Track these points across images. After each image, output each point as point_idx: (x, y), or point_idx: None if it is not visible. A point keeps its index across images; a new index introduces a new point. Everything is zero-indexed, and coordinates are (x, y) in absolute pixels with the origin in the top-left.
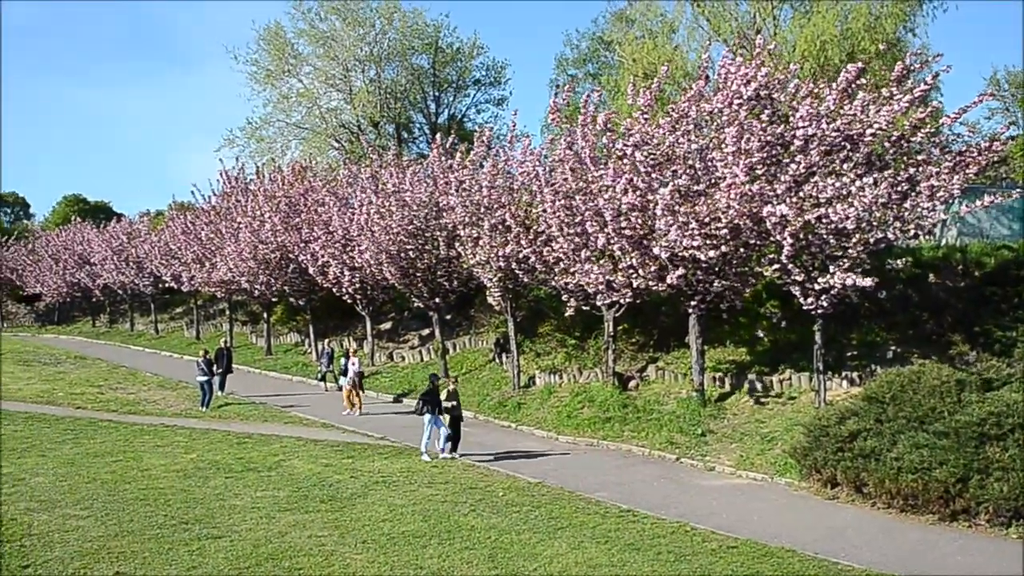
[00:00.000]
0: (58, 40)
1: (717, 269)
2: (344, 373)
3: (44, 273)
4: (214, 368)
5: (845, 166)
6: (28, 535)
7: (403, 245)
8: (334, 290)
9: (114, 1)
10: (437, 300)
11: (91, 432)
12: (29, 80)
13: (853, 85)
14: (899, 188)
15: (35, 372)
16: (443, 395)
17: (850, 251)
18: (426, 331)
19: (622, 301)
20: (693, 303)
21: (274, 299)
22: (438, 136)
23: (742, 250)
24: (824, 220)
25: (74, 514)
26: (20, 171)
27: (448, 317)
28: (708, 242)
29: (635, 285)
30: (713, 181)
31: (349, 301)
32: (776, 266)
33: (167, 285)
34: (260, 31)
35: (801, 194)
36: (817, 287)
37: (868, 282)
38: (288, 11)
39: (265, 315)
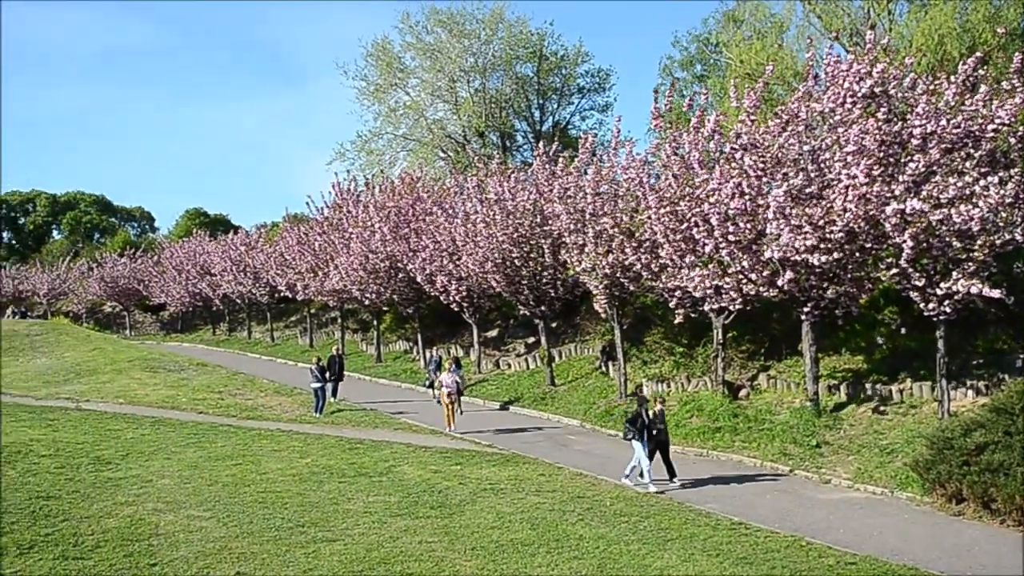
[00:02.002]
0: (181, 61)
1: (831, 274)
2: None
3: (168, 284)
4: (327, 375)
5: (967, 164)
6: (155, 535)
7: (508, 253)
8: (441, 298)
9: (227, 15)
10: (543, 308)
11: (212, 436)
12: (152, 100)
13: (971, 78)
14: None
15: (160, 378)
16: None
17: (974, 254)
18: (532, 339)
19: (731, 307)
20: (806, 309)
21: (384, 307)
22: (542, 144)
23: (858, 254)
24: (946, 222)
25: (198, 515)
26: (146, 186)
27: (554, 325)
28: (822, 245)
29: (745, 290)
30: (826, 183)
31: (456, 309)
32: (895, 270)
33: (282, 294)
34: (368, 47)
35: (921, 195)
36: (939, 292)
37: (996, 293)
38: (396, 25)
39: (375, 323)
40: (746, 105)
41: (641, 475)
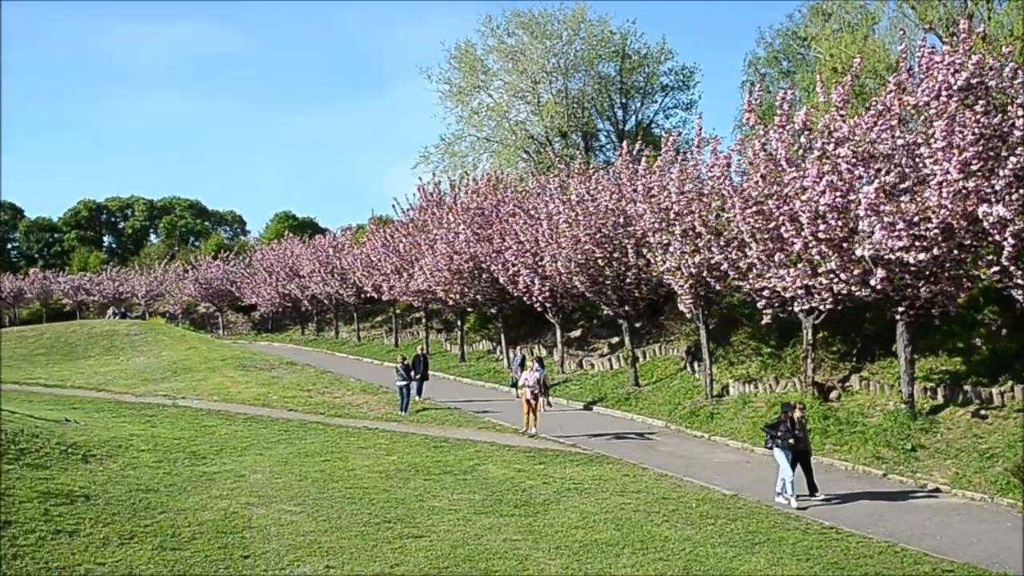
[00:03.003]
0: (269, 68)
1: (927, 272)
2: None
3: (259, 285)
4: (412, 374)
5: None
6: (248, 528)
7: (591, 254)
8: (524, 299)
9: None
10: (626, 308)
11: (301, 433)
12: (242, 106)
13: None
14: None
15: (252, 377)
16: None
17: None
18: (615, 339)
19: (821, 307)
20: (901, 309)
21: (467, 308)
22: (625, 143)
23: (955, 251)
24: None
25: (288, 509)
26: (238, 191)
27: (638, 325)
28: (917, 243)
29: (836, 290)
30: (921, 178)
31: (539, 309)
32: (995, 268)
33: (368, 295)
34: (451, 50)
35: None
36: None
37: None
38: (478, 28)
39: (459, 323)
40: (834, 100)
41: (784, 488)
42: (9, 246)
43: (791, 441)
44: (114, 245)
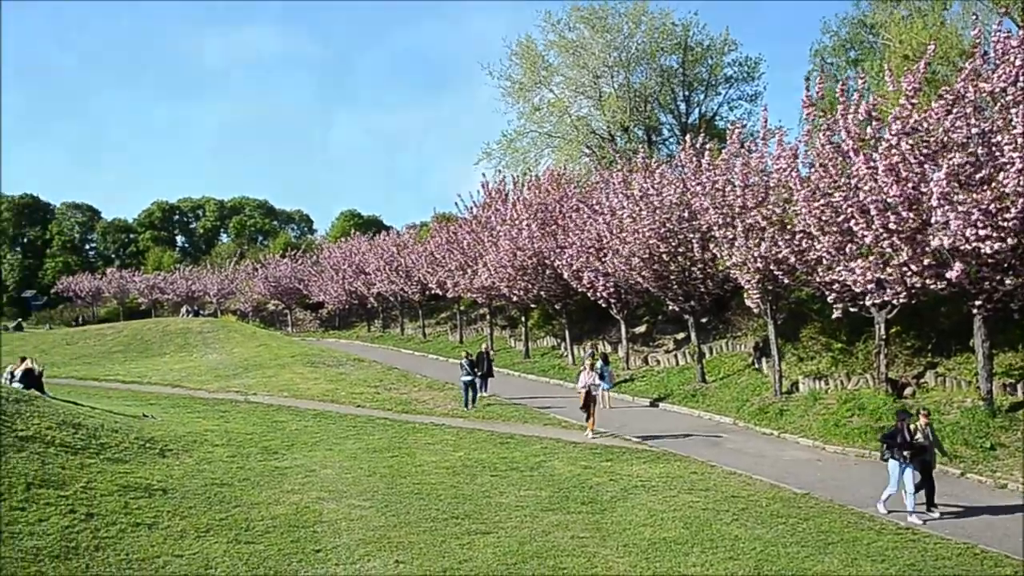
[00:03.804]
0: (330, 70)
1: (1006, 264)
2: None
3: (326, 283)
4: (476, 369)
5: None
6: (319, 522)
7: (655, 249)
8: (588, 295)
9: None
10: (692, 303)
11: (369, 429)
12: (306, 108)
13: None
14: None
15: (320, 373)
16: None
17: None
18: (681, 335)
19: (894, 301)
20: (978, 303)
21: (531, 304)
22: (688, 137)
23: None
24: None
25: (358, 504)
26: (305, 191)
27: (704, 320)
28: (995, 233)
29: (909, 284)
30: (998, 166)
31: (603, 305)
32: None
33: (433, 292)
34: (512, 47)
35: None
36: None
37: None
38: (538, 24)
39: (523, 319)
40: (905, 88)
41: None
42: (87, 247)
43: (906, 453)
44: (186, 245)
